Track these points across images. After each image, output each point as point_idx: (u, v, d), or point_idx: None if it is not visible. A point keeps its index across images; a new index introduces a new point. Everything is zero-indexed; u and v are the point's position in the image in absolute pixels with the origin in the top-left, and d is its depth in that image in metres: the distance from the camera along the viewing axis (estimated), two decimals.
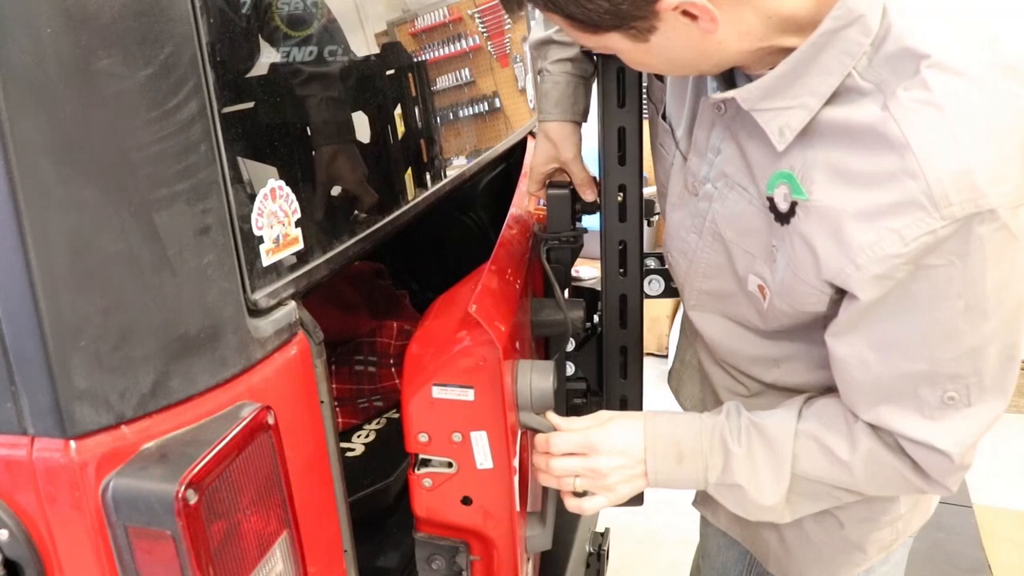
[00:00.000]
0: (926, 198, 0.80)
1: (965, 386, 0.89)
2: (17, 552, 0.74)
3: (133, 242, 0.71)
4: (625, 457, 1.08)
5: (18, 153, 0.64)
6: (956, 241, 0.81)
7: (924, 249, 0.81)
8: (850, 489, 1.02)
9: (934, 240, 0.81)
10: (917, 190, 0.80)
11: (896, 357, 0.90)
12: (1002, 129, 0.81)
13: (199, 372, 0.77)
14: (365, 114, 1.12)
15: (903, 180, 0.81)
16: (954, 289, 0.83)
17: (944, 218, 0.80)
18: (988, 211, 0.79)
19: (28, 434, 0.71)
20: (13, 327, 0.68)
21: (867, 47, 0.84)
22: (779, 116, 0.90)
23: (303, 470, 0.88)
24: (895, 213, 0.82)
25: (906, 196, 0.81)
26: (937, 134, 0.80)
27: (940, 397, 0.90)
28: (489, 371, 1.04)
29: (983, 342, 0.86)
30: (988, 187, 0.79)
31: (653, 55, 0.90)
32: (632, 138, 1.29)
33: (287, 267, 0.89)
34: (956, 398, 0.90)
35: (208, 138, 0.76)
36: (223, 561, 0.74)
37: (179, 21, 0.73)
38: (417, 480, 1.12)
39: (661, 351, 3.96)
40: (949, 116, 0.80)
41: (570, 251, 1.41)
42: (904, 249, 0.82)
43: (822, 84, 0.87)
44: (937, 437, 0.92)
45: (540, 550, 1.28)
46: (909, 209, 0.81)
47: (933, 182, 0.79)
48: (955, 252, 0.81)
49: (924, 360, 0.88)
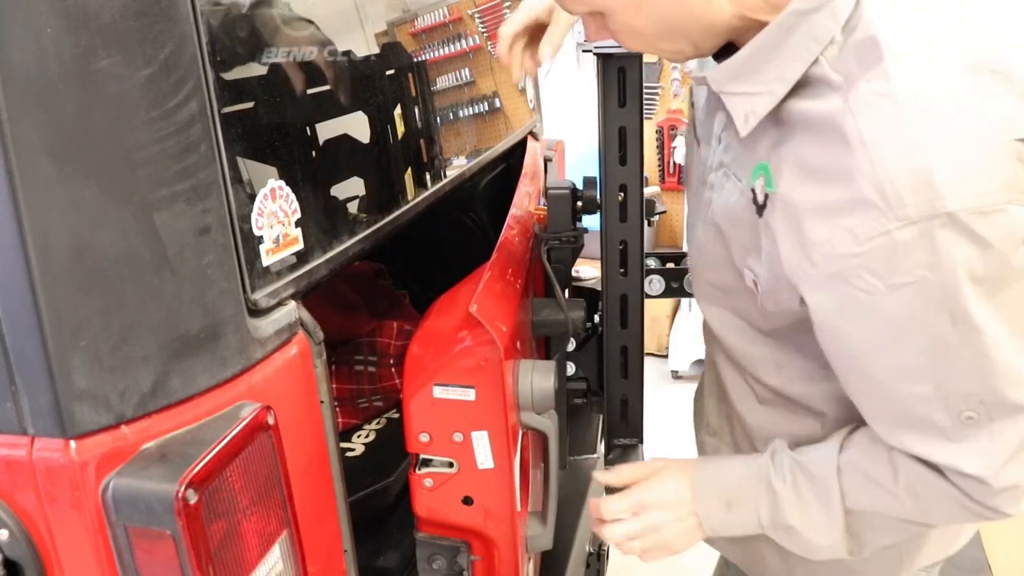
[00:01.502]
0: (879, 197, 0.76)
1: (980, 403, 0.83)
2: (17, 552, 0.74)
3: (133, 242, 0.71)
4: (676, 511, 1.07)
5: (18, 153, 0.64)
6: (921, 253, 0.76)
7: (884, 255, 0.77)
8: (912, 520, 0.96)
9: (891, 244, 0.76)
10: (870, 188, 0.76)
11: (898, 381, 0.86)
12: (968, 130, 0.76)
13: (199, 372, 0.77)
14: (365, 114, 1.12)
15: (857, 177, 0.77)
16: (932, 303, 0.78)
17: (899, 219, 0.75)
18: (946, 214, 0.74)
19: (28, 434, 0.71)
20: (13, 327, 0.68)
21: (837, 35, 0.82)
22: (745, 101, 0.89)
23: (303, 470, 0.88)
24: (849, 211, 0.78)
25: (860, 194, 0.77)
26: (894, 130, 0.77)
27: (957, 418, 0.84)
28: (490, 371, 1.04)
29: (985, 354, 0.80)
30: (946, 188, 0.74)
31: (643, 12, 0.87)
32: (632, 138, 1.28)
33: (287, 267, 0.88)
34: (975, 417, 0.83)
35: (208, 138, 0.76)
36: (223, 561, 0.73)
37: (179, 21, 0.73)
38: (418, 480, 1.12)
39: (661, 351, 3.96)
40: (908, 111, 0.77)
41: (570, 251, 1.41)
42: (858, 249, 0.78)
43: (789, 70, 0.84)
44: (964, 461, 0.86)
45: (541, 550, 1.28)
46: (863, 207, 0.77)
47: (886, 180, 0.76)
48: (924, 264, 0.77)
49: (928, 381, 0.84)
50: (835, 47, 0.82)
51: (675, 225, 4.36)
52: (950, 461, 0.87)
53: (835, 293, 0.83)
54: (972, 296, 0.77)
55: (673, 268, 1.64)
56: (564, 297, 1.36)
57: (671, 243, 4.43)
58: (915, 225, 0.75)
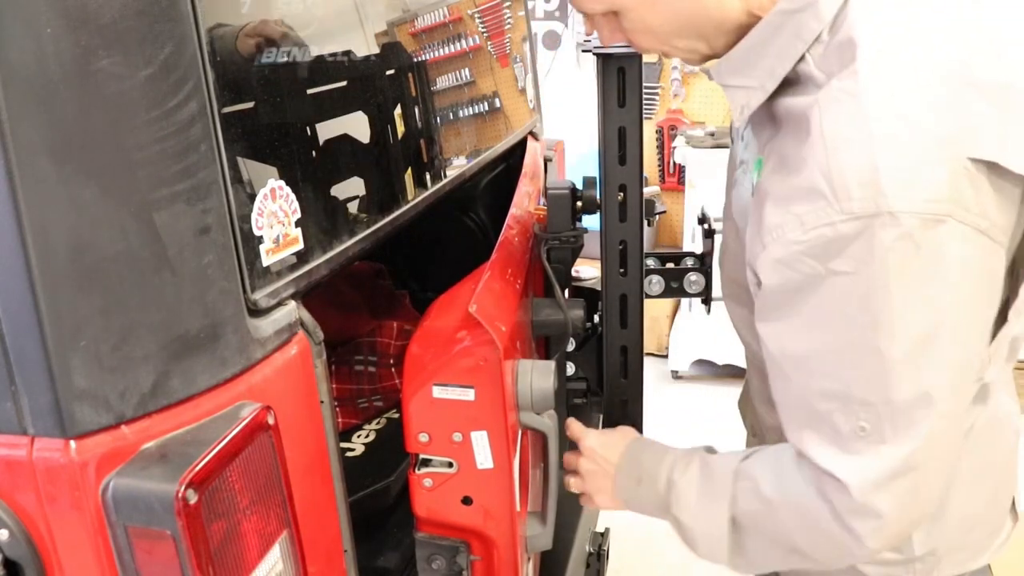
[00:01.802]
0: (828, 188, 0.78)
1: (877, 416, 0.83)
2: (17, 552, 0.74)
3: (133, 242, 0.71)
4: (600, 467, 1.18)
5: (18, 153, 0.64)
6: (859, 245, 0.78)
7: (825, 243, 0.79)
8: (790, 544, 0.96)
9: (834, 234, 0.78)
10: (822, 178, 0.79)
11: (809, 372, 0.87)
12: (924, 137, 0.78)
13: (199, 372, 0.77)
14: (365, 114, 1.12)
15: (811, 166, 0.80)
16: (858, 299, 0.80)
17: (843, 212, 0.77)
18: (888, 214, 0.76)
19: (28, 434, 0.71)
20: (13, 327, 0.68)
21: (824, 34, 0.84)
22: (741, 94, 0.92)
23: (303, 470, 0.88)
24: (802, 199, 0.80)
25: (812, 183, 0.79)
26: (852, 126, 0.79)
27: (853, 426, 0.85)
28: (490, 371, 1.04)
29: (891, 367, 0.81)
30: (892, 189, 0.76)
31: (659, 8, 0.89)
32: (632, 138, 1.29)
33: (287, 267, 0.88)
34: (868, 429, 0.84)
35: (208, 138, 0.76)
36: (223, 561, 0.74)
37: (179, 21, 0.73)
38: (418, 480, 1.12)
39: (661, 351, 3.96)
40: (869, 110, 0.78)
41: (570, 251, 1.41)
42: (803, 236, 0.80)
43: (777, 66, 0.87)
44: (842, 467, 0.86)
45: (540, 550, 1.28)
46: (813, 196, 0.79)
47: (836, 172, 0.78)
48: (859, 258, 0.78)
49: (835, 379, 0.85)
50: (821, 46, 0.84)
51: (675, 225, 4.36)
52: (831, 465, 0.87)
53: (779, 277, 0.84)
54: (896, 304, 0.79)
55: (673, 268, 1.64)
56: (564, 297, 1.36)
57: (671, 243, 4.43)
58: (858, 220, 0.77)
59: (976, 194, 0.78)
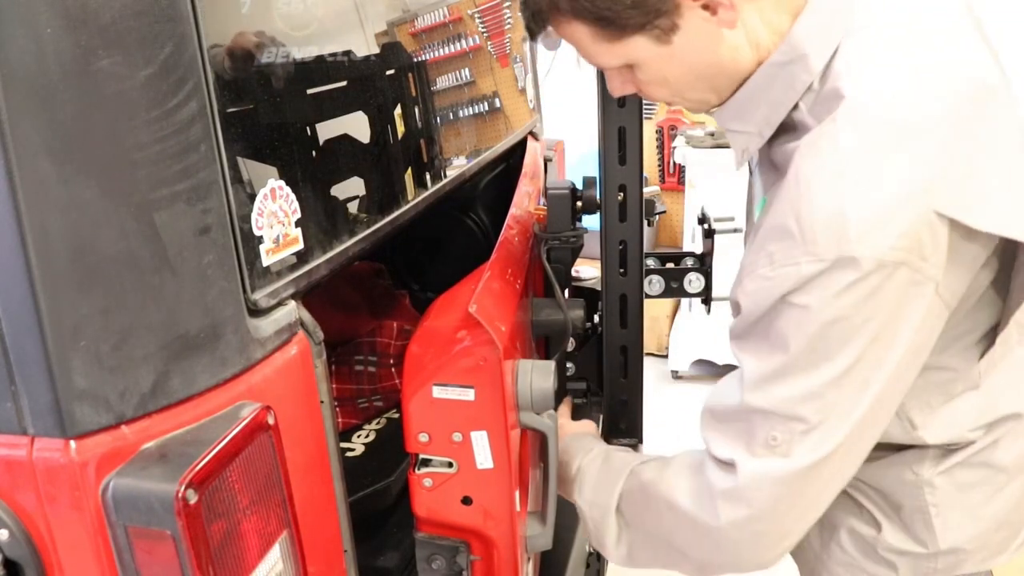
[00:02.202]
0: (797, 229, 0.82)
1: (790, 433, 0.88)
2: (17, 552, 0.74)
3: (133, 242, 0.71)
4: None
5: (18, 153, 0.64)
6: (817, 283, 0.82)
7: (790, 281, 0.83)
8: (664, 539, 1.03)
9: (797, 273, 0.82)
10: (793, 220, 0.83)
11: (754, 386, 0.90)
12: (895, 187, 0.81)
13: (199, 372, 0.77)
14: (365, 114, 1.12)
15: (787, 208, 0.84)
16: (808, 330, 0.84)
17: (808, 253, 0.81)
18: (850, 258, 0.80)
19: (28, 434, 0.71)
20: (13, 327, 0.68)
21: (816, 83, 0.88)
22: (742, 139, 0.97)
23: (303, 470, 0.88)
24: (775, 238, 0.85)
25: (785, 224, 0.84)
26: (825, 172, 0.83)
27: (767, 435, 0.89)
28: (489, 371, 1.04)
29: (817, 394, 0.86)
30: (856, 236, 0.80)
31: (675, 62, 0.92)
32: (632, 138, 1.29)
33: (287, 267, 0.88)
34: (778, 440, 0.89)
35: (208, 138, 0.76)
36: (223, 561, 0.74)
37: (179, 21, 0.73)
38: (417, 480, 1.12)
39: (661, 351, 3.96)
40: (843, 158, 0.82)
41: (570, 251, 1.41)
42: (771, 272, 0.84)
43: (772, 114, 0.92)
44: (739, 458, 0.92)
45: (540, 550, 1.28)
46: (784, 236, 0.84)
47: (806, 215, 0.82)
48: (815, 295, 0.82)
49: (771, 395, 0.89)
50: (812, 95, 0.89)
51: (675, 225, 4.36)
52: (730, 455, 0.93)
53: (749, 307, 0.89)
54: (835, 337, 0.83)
55: (673, 268, 1.64)
56: (564, 297, 1.36)
57: (671, 243, 4.43)
58: (821, 262, 0.81)
59: (935, 246, 0.82)
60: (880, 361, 0.85)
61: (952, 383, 0.99)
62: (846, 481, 0.94)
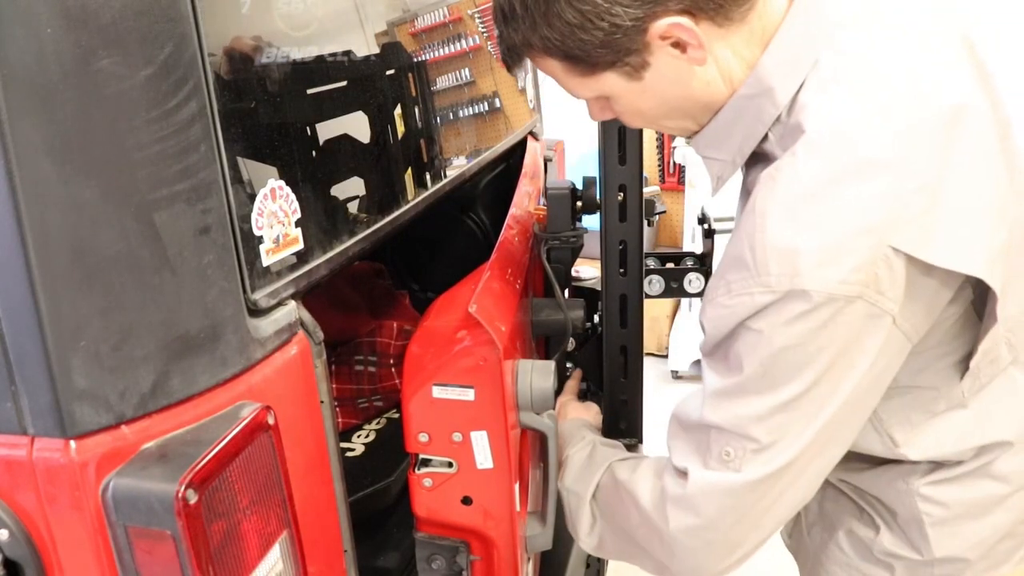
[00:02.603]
0: (752, 261, 0.84)
1: (742, 450, 0.91)
2: (17, 552, 0.74)
3: (133, 242, 0.71)
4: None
5: (18, 153, 0.64)
6: (770, 312, 0.83)
7: (745, 309, 0.85)
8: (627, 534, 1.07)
9: (751, 303, 0.84)
10: (748, 250, 0.84)
11: (716, 401, 0.92)
12: (850, 222, 0.81)
13: (199, 372, 0.77)
14: (365, 114, 1.12)
15: (744, 238, 0.86)
16: (760, 354, 0.86)
17: (761, 284, 0.83)
18: (801, 291, 0.81)
19: (28, 434, 0.71)
20: (13, 327, 0.68)
21: (784, 115, 0.89)
22: (716, 166, 0.99)
23: (303, 470, 0.88)
24: (733, 267, 0.87)
25: (741, 253, 0.85)
26: (780, 206, 0.84)
27: (721, 450, 0.92)
28: (489, 371, 1.04)
29: (768, 415, 0.88)
30: (808, 270, 0.81)
31: (648, 96, 0.93)
32: (632, 138, 1.29)
33: (287, 267, 0.88)
34: (731, 455, 0.91)
35: (208, 138, 0.76)
36: (223, 561, 0.74)
37: (179, 21, 0.73)
38: (417, 480, 1.12)
39: (661, 351, 3.96)
40: (798, 191, 0.83)
41: (570, 251, 1.41)
42: (729, 301, 0.86)
43: (744, 144, 0.94)
44: (692, 468, 0.94)
45: (540, 550, 1.28)
46: (740, 266, 0.85)
47: (759, 247, 0.83)
48: (769, 322, 0.84)
49: (727, 411, 0.91)
50: (780, 126, 0.90)
51: (675, 225, 4.36)
52: (685, 463, 0.96)
53: (711, 331, 0.92)
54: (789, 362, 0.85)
55: (673, 268, 1.64)
56: (563, 297, 1.36)
57: (671, 243, 4.43)
58: (773, 293, 0.83)
59: (892, 280, 0.82)
60: (835, 389, 0.87)
61: (934, 401, 0.98)
62: (807, 495, 0.96)
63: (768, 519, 0.95)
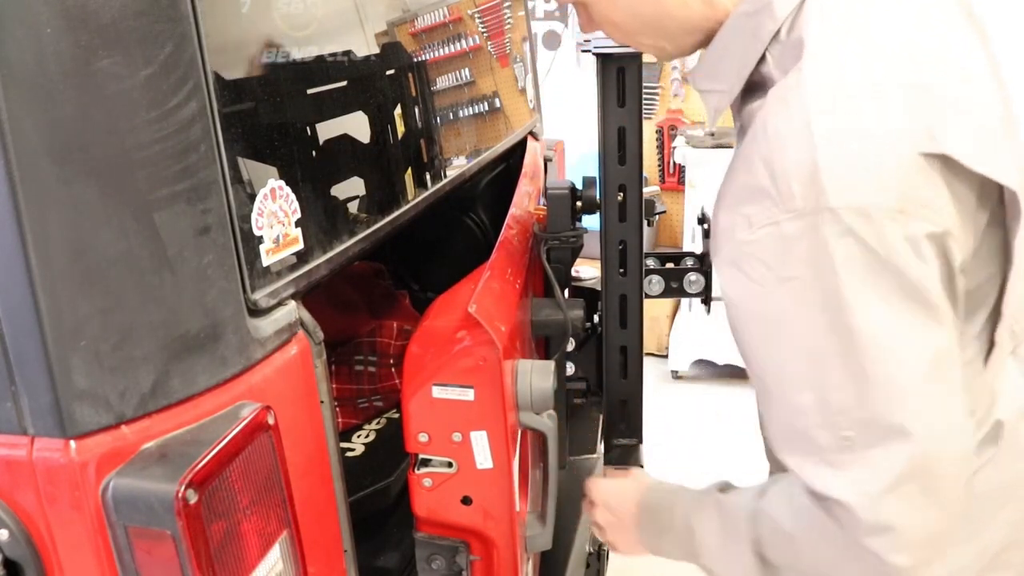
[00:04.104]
0: (773, 187, 0.77)
1: (858, 421, 0.79)
2: (17, 552, 0.74)
3: (133, 242, 0.71)
4: (615, 517, 1.17)
5: (18, 153, 0.64)
6: (804, 246, 0.76)
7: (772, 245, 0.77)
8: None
9: (779, 234, 0.77)
10: (767, 177, 0.78)
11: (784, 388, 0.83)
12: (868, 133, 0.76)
13: (199, 372, 0.77)
14: (365, 114, 1.12)
15: (758, 166, 0.79)
16: (813, 302, 0.77)
17: (787, 210, 0.76)
18: (829, 210, 0.74)
19: (28, 434, 0.71)
20: (13, 327, 0.68)
21: (783, 34, 0.84)
22: (714, 98, 0.93)
23: (303, 470, 0.88)
24: (749, 199, 0.80)
25: (759, 182, 0.78)
26: (795, 124, 0.78)
27: (835, 437, 0.80)
28: (489, 371, 1.04)
29: (861, 365, 0.77)
30: (832, 185, 0.74)
31: (619, 7, 0.91)
32: (632, 138, 1.29)
33: (287, 267, 0.88)
34: (852, 437, 0.79)
35: (208, 138, 0.76)
36: (223, 561, 0.74)
37: (179, 21, 0.73)
38: (417, 480, 1.12)
39: (661, 351, 3.96)
40: (812, 107, 0.78)
41: (570, 251, 1.41)
42: (751, 236, 0.79)
43: (742, 68, 0.88)
44: (837, 487, 0.80)
45: (540, 550, 1.28)
46: (759, 196, 0.78)
47: (780, 172, 0.77)
48: (806, 260, 0.76)
49: (808, 390, 0.81)
50: (778, 45, 0.85)
51: (675, 225, 4.36)
52: (826, 488, 0.81)
53: (732, 282, 0.83)
54: (850, 301, 0.76)
55: (673, 268, 1.64)
56: (563, 297, 1.36)
57: (671, 243, 4.43)
58: (802, 219, 0.76)
59: (932, 191, 0.76)
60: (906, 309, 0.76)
61: None
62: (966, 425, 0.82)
63: (951, 480, 0.81)
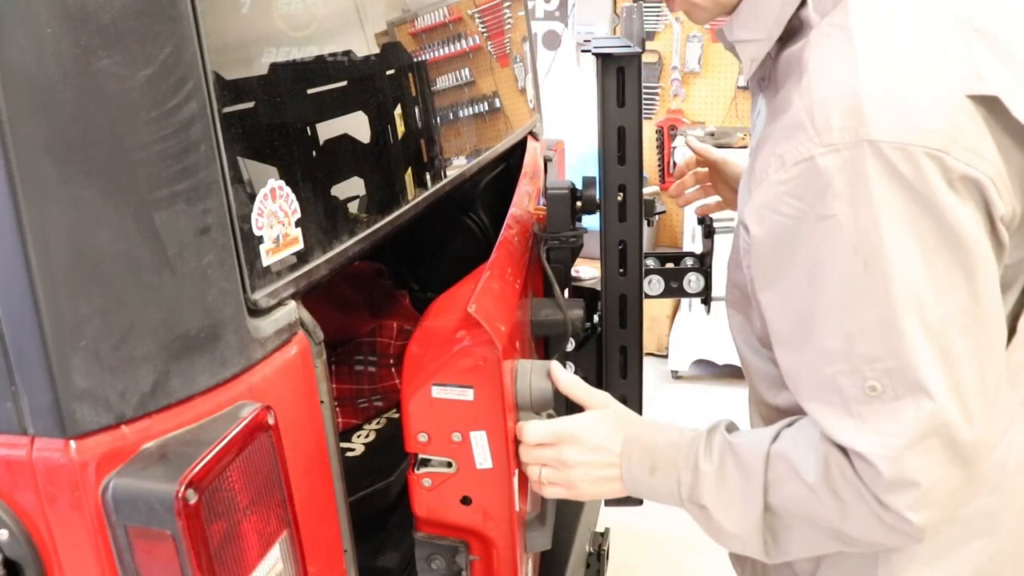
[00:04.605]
0: (809, 120, 0.74)
1: (886, 371, 0.76)
2: (17, 552, 0.74)
3: (133, 242, 0.71)
4: (597, 455, 1.02)
5: (18, 153, 0.64)
6: (842, 181, 0.72)
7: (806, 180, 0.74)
8: (833, 527, 0.86)
9: (814, 169, 0.73)
10: (804, 111, 0.75)
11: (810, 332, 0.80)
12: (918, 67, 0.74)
13: (199, 372, 0.77)
14: (365, 114, 1.12)
15: (797, 104, 0.76)
16: (848, 241, 0.73)
17: (823, 144, 0.72)
18: (868, 142, 0.71)
19: (28, 434, 0.71)
20: (13, 327, 0.68)
21: None
22: (750, 47, 0.90)
23: (303, 470, 0.88)
24: (784, 137, 0.76)
25: (795, 118, 0.75)
26: (837, 57, 0.75)
27: (862, 387, 0.77)
28: (489, 371, 1.04)
29: (893, 314, 0.74)
30: (874, 116, 0.71)
31: None
32: (632, 137, 1.28)
33: (287, 267, 0.89)
34: (879, 388, 0.76)
35: (208, 138, 0.76)
36: (223, 561, 0.74)
37: (179, 21, 0.73)
38: (417, 480, 1.12)
39: (661, 351, 3.96)
40: (856, 41, 0.75)
41: (570, 251, 1.41)
42: (785, 175, 0.75)
43: (781, 13, 0.85)
44: (860, 440, 0.78)
45: (540, 550, 1.28)
46: (794, 131, 0.75)
47: (818, 103, 0.74)
48: (842, 196, 0.72)
49: (836, 335, 0.77)
50: None
51: (675, 225, 4.36)
52: (850, 440, 0.79)
53: (765, 225, 0.79)
54: (888, 241, 0.72)
55: (673, 268, 1.64)
56: (563, 297, 1.36)
57: (671, 243, 4.43)
58: (838, 153, 0.72)
59: (977, 137, 0.73)
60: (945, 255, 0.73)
61: None
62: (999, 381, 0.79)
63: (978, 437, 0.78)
